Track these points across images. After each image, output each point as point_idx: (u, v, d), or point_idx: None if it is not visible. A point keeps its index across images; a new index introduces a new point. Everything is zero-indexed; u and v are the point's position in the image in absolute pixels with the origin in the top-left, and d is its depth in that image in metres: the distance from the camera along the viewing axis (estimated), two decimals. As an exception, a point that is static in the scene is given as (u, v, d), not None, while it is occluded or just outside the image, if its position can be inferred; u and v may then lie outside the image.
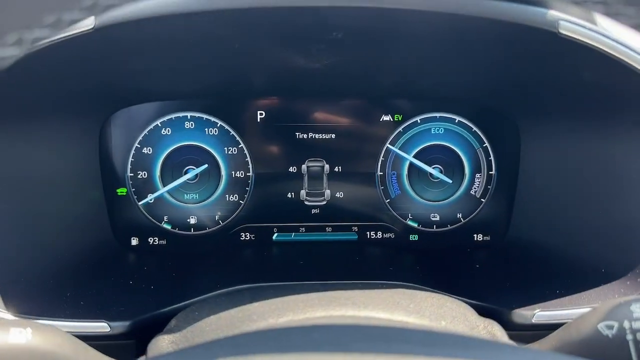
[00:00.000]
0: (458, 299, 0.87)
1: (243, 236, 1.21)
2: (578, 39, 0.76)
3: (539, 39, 0.78)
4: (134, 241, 1.18)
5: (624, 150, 0.98)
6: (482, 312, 0.85)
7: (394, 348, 0.43)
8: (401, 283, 0.91)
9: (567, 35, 0.75)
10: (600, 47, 0.77)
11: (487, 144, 1.21)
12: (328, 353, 0.42)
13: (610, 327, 0.65)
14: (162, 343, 0.74)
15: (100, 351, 0.69)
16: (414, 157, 1.22)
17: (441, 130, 1.22)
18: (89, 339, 0.70)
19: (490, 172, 1.22)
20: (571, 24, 0.75)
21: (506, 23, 0.73)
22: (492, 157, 1.22)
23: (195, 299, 0.89)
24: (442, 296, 0.82)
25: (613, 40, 0.77)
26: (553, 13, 0.75)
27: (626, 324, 0.64)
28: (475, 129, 1.21)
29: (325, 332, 0.49)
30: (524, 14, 0.74)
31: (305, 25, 0.77)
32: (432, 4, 0.68)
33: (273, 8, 0.68)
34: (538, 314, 0.87)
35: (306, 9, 0.68)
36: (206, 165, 1.18)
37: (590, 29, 0.77)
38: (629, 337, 0.63)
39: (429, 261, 1.15)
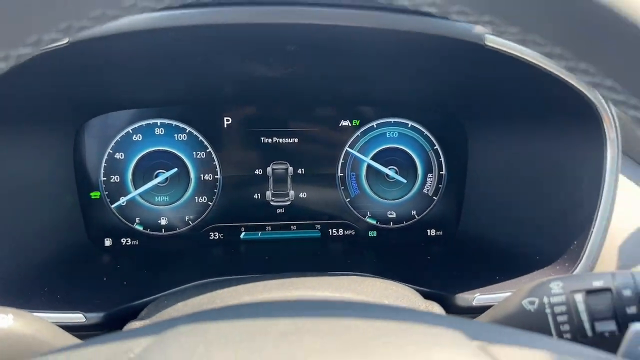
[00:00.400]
0: (407, 285, 0.96)
1: (212, 236, 1.28)
2: (503, 50, 0.86)
3: (470, 50, 0.88)
4: (108, 242, 1.24)
5: (556, 150, 1.08)
6: (428, 296, 0.94)
7: (328, 312, 0.51)
8: (357, 273, 0.99)
9: (492, 47, 0.85)
10: (523, 56, 0.87)
11: (437, 146, 1.31)
12: (270, 318, 0.50)
13: (532, 303, 0.74)
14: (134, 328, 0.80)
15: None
16: (372, 159, 1.31)
17: (395, 134, 1.31)
18: (65, 329, 0.76)
19: (441, 173, 1.32)
20: (496, 36, 0.85)
21: (441, 37, 0.83)
22: (442, 159, 1.32)
23: (166, 292, 0.96)
24: (390, 281, 0.91)
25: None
26: (480, 27, 0.84)
27: (545, 300, 0.73)
28: (426, 132, 1.31)
29: (271, 304, 0.57)
30: (455, 29, 0.84)
31: (260, 39, 0.85)
32: (370, 21, 0.77)
33: (228, 25, 0.77)
34: (478, 297, 0.96)
35: (258, 25, 0.76)
36: (176, 169, 1.25)
37: (514, 41, 0.86)
38: (547, 310, 0.73)
39: (386, 255, 1.24)
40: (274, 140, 1.27)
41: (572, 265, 0.96)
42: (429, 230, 1.33)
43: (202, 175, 1.26)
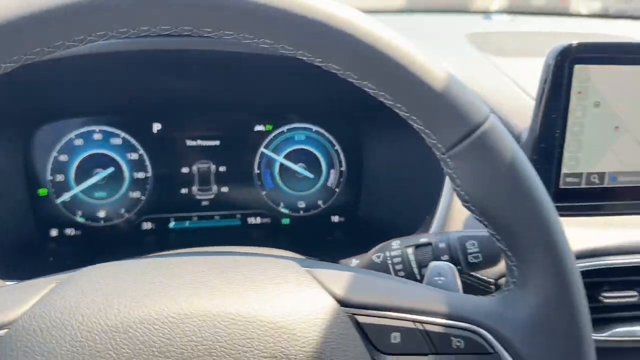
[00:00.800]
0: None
1: (144, 226, 1.48)
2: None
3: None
4: (54, 232, 1.43)
5: (421, 143, 1.35)
6: (316, 264, 1.18)
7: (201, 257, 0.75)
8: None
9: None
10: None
11: (337, 146, 1.56)
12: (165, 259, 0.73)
13: (379, 257, 1.00)
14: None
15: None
16: (284, 158, 1.53)
17: (303, 137, 1.55)
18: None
19: (341, 169, 1.57)
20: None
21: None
22: (342, 157, 1.56)
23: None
24: (279, 250, 1.15)
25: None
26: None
27: (387, 254, 0.99)
28: (328, 135, 1.56)
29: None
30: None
31: (172, 61, 1.09)
32: (254, 48, 1.01)
33: (147, 50, 1.00)
34: (354, 262, 1.21)
35: (166, 50, 1.00)
36: (112, 169, 1.44)
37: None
38: (389, 261, 0.98)
39: (296, 238, 1.48)
40: (198, 142, 1.49)
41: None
42: (332, 217, 1.58)
43: (135, 174, 1.46)
